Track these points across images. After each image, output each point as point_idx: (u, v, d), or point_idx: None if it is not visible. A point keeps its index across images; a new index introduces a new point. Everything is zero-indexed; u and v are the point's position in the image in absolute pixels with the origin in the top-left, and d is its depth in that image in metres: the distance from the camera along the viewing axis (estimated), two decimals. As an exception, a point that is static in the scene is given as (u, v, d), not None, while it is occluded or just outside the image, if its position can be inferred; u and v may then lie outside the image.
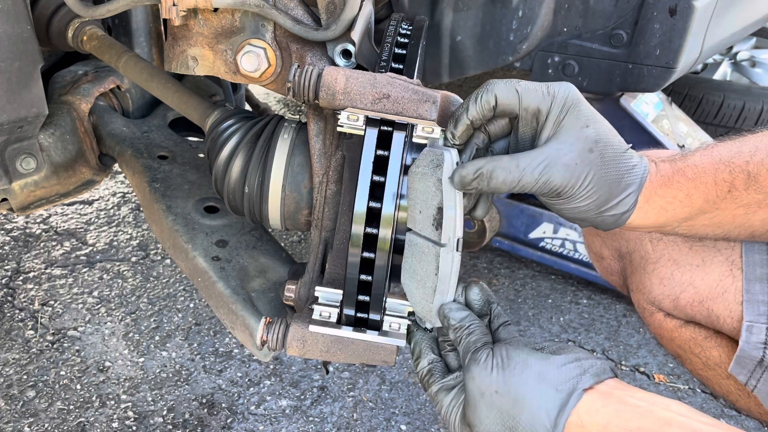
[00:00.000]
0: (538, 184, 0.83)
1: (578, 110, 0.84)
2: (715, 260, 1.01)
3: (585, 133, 0.83)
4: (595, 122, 0.85)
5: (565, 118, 0.84)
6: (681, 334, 1.08)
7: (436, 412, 0.86)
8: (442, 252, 0.86)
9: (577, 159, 0.83)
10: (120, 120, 1.54)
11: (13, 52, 1.20)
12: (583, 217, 0.87)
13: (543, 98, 0.84)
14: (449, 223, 0.85)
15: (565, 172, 0.82)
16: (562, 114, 0.84)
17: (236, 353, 2.08)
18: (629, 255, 1.11)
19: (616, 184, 0.84)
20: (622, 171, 0.85)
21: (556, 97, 0.84)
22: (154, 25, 1.54)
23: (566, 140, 0.83)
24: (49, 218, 2.72)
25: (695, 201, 0.86)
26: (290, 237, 2.70)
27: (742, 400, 1.05)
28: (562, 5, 1.51)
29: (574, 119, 0.84)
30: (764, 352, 0.96)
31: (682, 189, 0.86)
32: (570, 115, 0.84)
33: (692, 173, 0.86)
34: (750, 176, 0.84)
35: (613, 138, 0.86)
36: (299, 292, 1.05)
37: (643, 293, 1.08)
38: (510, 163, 0.83)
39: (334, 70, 0.92)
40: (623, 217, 0.86)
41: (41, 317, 2.20)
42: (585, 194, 0.84)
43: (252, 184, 1.08)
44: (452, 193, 0.86)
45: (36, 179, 1.42)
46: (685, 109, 2.59)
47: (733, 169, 0.85)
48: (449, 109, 0.96)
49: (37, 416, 1.84)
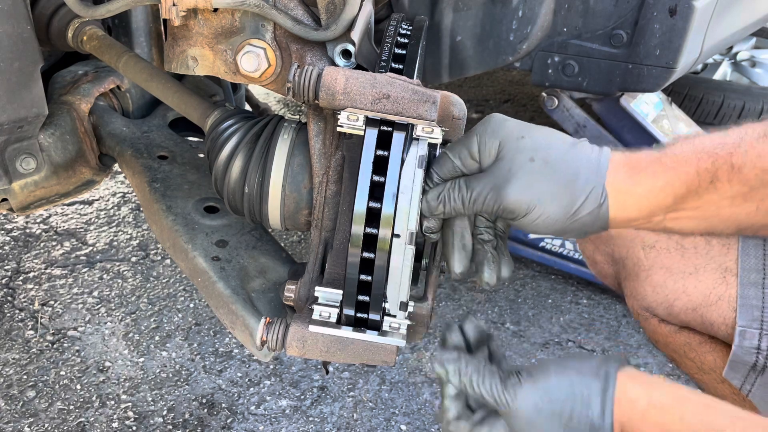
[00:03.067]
0: (494, 205, 0.85)
1: (507, 127, 0.86)
2: (708, 267, 1.01)
3: (521, 145, 0.85)
4: (528, 131, 0.86)
5: (499, 139, 0.86)
6: (675, 339, 1.08)
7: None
8: (395, 243, 0.87)
9: (521, 172, 0.83)
10: (120, 120, 1.54)
11: (13, 52, 1.20)
12: (560, 228, 0.86)
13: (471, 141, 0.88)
14: (402, 215, 0.87)
15: (513, 188, 0.83)
16: (494, 137, 0.86)
17: (236, 353, 2.08)
18: (622, 261, 1.11)
19: (573, 182, 0.83)
20: (576, 167, 0.83)
21: (479, 130, 0.87)
22: (154, 25, 1.53)
23: (506, 157, 0.85)
24: (49, 218, 2.72)
25: (678, 189, 0.83)
26: (290, 237, 2.70)
27: (738, 404, 1.05)
28: (562, 5, 1.51)
29: (507, 136, 0.85)
30: (757, 357, 0.96)
31: (661, 177, 0.83)
32: (501, 133, 0.86)
33: (671, 162, 0.84)
34: (734, 168, 0.82)
35: (553, 140, 0.86)
36: (299, 292, 1.05)
37: (637, 299, 1.08)
38: (464, 186, 0.87)
39: (334, 70, 0.92)
40: (601, 213, 0.84)
41: (41, 317, 2.20)
42: (544, 204, 0.83)
43: (252, 184, 1.08)
44: (409, 185, 0.87)
45: (36, 179, 1.42)
46: (685, 109, 2.59)
47: (716, 159, 0.82)
48: (449, 109, 0.96)
49: (37, 416, 1.84)
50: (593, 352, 2.16)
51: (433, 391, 1.98)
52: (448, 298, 2.37)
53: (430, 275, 1.06)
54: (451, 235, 0.94)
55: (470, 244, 0.94)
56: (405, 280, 0.91)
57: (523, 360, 2.12)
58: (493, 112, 0.96)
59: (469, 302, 2.35)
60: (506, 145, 0.85)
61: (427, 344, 2.15)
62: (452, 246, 0.94)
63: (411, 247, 0.88)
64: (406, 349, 2.12)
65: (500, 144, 0.86)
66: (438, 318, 2.27)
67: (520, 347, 2.17)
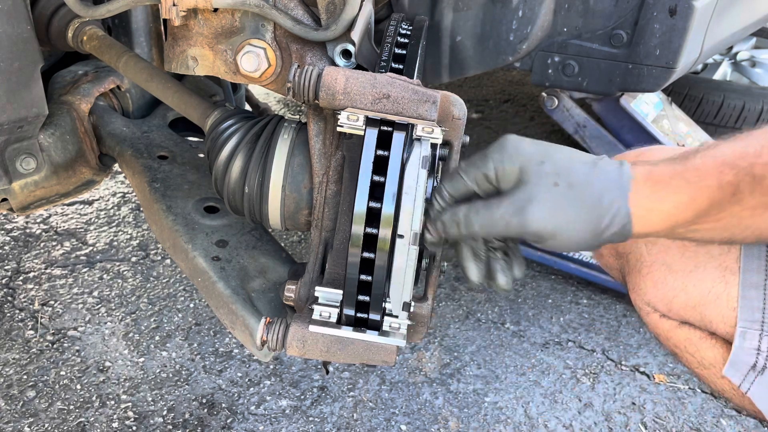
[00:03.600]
0: (517, 230, 0.84)
1: (526, 151, 0.86)
2: (708, 266, 1.01)
3: (543, 170, 0.84)
4: (548, 154, 0.85)
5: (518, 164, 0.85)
6: (676, 335, 1.08)
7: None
8: (399, 243, 0.87)
9: (545, 198, 0.83)
10: (120, 120, 1.54)
11: (13, 52, 1.20)
12: (583, 248, 0.86)
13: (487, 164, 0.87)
14: (406, 215, 0.86)
15: (539, 214, 0.83)
16: (513, 162, 0.85)
17: (236, 353, 2.08)
18: (626, 255, 1.12)
19: (598, 205, 0.83)
20: (599, 188, 0.84)
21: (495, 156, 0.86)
22: (154, 25, 1.54)
23: (529, 182, 0.84)
24: (49, 218, 2.72)
25: (701, 204, 0.84)
26: (290, 237, 2.70)
27: (737, 399, 1.06)
28: (562, 5, 1.51)
29: (527, 161, 0.85)
30: (757, 358, 0.96)
31: (684, 192, 0.84)
32: (519, 158, 0.85)
33: (694, 176, 0.84)
34: (755, 179, 0.81)
35: (574, 162, 0.85)
36: (299, 292, 1.05)
37: (639, 294, 1.09)
38: (483, 211, 0.86)
39: (334, 70, 0.92)
40: (624, 231, 0.85)
41: (41, 317, 2.20)
42: (570, 229, 0.83)
43: (252, 184, 1.08)
44: (413, 185, 0.87)
45: (36, 179, 1.42)
46: (685, 109, 2.59)
47: (738, 171, 0.82)
48: (449, 109, 0.96)
49: (37, 416, 1.84)
50: (593, 352, 2.16)
51: (433, 391, 1.98)
52: (448, 298, 2.37)
53: (430, 275, 1.06)
54: (463, 247, 0.94)
55: (483, 253, 0.94)
56: (408, 281, 0.91)
57: (523, 360, 2.12)
58: (493, 112, 0.95)
59: (469, 302, 2.35)
60: (527, 170, 0.85)
61: (427, 344, 2.15)
62: (465, 257, 0.94)
63: (415, 247, 0.88)
64: (406, 349, 2.12)
65: (520, 169, 0.85)
66: (438, 318, 2.27)
67: (520, 347, 2.17)
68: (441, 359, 2.10)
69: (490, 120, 3.62)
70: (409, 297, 0.95)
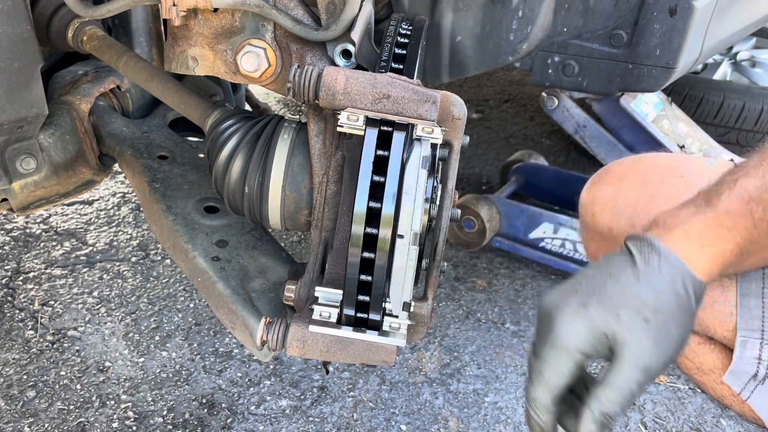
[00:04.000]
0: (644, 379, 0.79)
1: (605, 314, 0.80)
2: None
3: (626, 319, 0.79)
4: (623, 307, 0.80)
5: (605, 331, 0.80)
6: None
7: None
8: (399, 243, 0.86)
9: (648, 342, 0.79)
10: (120, 120, 1.54)
11: (13, 52, 1.20)
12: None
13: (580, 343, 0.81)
14: (406, 215, 0.86)
15: (655, 360, 0.79)
16: (598, 334, 0.80)
17: (236, 353, 2.08)
18: None
19: (687, 321, 0.81)
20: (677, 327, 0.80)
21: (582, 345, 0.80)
22: (154, 25, 1.54)
23: (625, 338, 0.79)
24: (49, 218, 2.72)
25: (743, 246, 0.85)
26: (290, 237, 2.70)
27: (737, 405, 1.06)
28: (562, 5, 1.51)
29: (606, 325, 0.79)
30: (758, 367, 0.96)
31: (728, 240, 0.84)
32: (597, 318, 0.80)
33: (729, 222, 0.84)
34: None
35: (645, 299, 0.80)
36: (299, 292, 1.05)
37: None
38: (611, 392, 0.79)
39: (334, 71, 0.92)
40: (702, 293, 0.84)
41: (41, 317, 2.20)
42: (675, 344, 0.81)
43: (252, 185, 1.08)
44: (413, 185, 0.87)
45: (36, 179, 1.42)
46: (685, 109, 2.59)
47: (766, 206, 0.83)
48: (449, 109, 0.96)
49: (37, 416, 1.84)
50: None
51: (433, 391, 1.98)
52: (448, 298, 2.37)
53: (430, 275, 1.06)
54: None
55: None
56: (408, 281, 0.91)
57: (523, 360, 2.12)
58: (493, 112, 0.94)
59: (469, 302, 2.35)
60: (615, 334, 0.79)
61: (427, 344, 2.15)
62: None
63: (415, 247, 0.88)
64: (406, 349, 2.12)
65: (609, 336, 0.80)
66: (438, 318, 2.27)
67: (520, 347, 2.17)
68: (441, 359, 2.10)
69: (490, 120, 3.62)
70: (409, 297, 0.95)
